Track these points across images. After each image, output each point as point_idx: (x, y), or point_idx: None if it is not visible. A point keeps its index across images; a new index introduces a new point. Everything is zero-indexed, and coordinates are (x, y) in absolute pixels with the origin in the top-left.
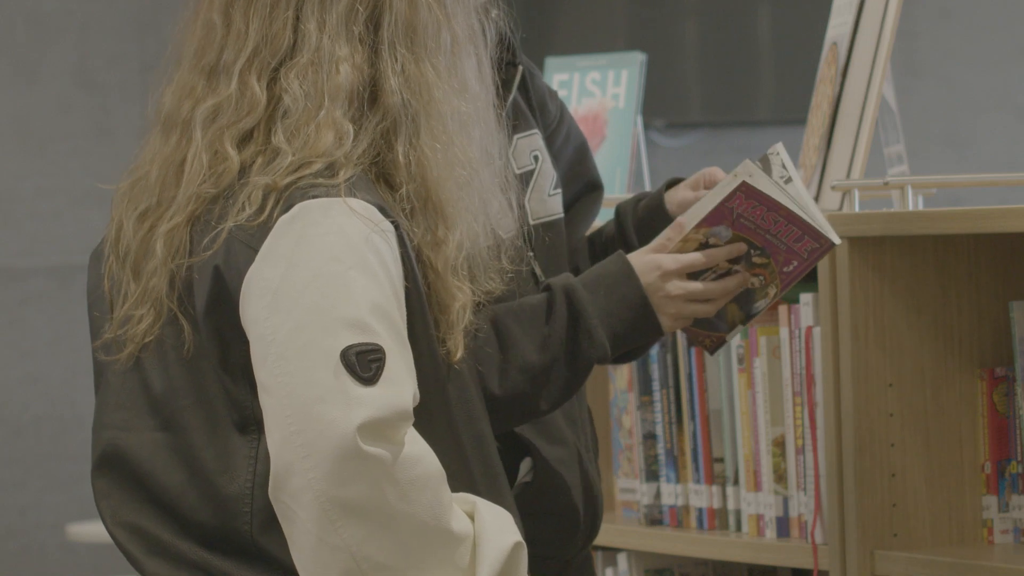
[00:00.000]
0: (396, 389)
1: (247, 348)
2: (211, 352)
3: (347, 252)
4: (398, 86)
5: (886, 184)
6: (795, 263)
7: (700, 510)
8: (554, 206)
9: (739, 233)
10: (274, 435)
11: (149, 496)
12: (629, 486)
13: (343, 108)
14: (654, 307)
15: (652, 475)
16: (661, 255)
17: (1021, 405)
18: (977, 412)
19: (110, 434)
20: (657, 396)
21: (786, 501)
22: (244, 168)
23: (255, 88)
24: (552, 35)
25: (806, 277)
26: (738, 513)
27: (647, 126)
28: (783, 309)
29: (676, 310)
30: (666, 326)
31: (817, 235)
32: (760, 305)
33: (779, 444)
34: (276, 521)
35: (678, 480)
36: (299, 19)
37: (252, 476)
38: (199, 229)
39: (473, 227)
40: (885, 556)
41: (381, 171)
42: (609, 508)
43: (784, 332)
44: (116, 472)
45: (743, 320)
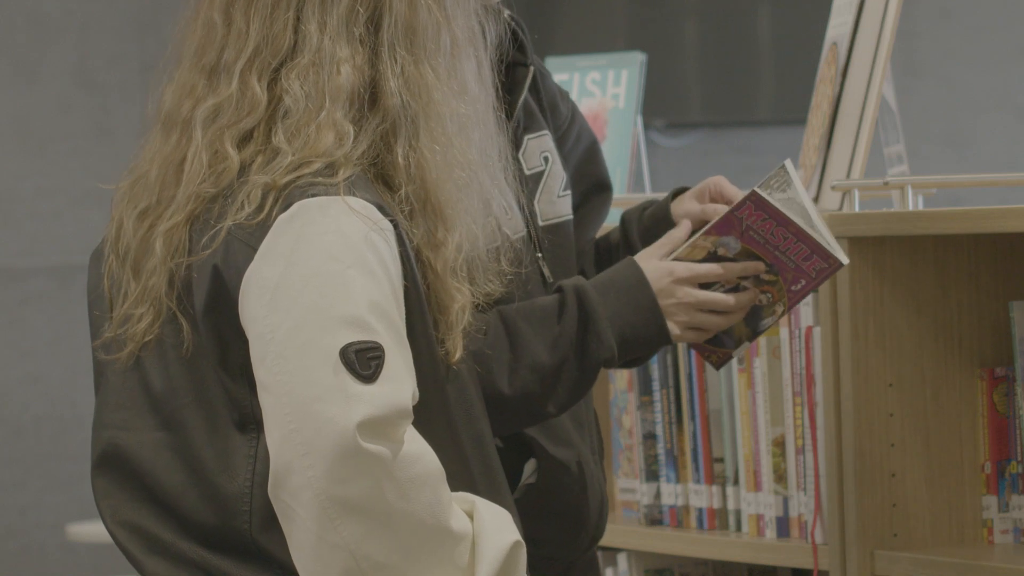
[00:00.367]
0: (395, 387)
1: (246, 347)
2: (210, 351)
3: (346, 251)
4: (398, 88)
5: (886, 184)
6: (803, 282)
7: (700, 510)
8: (563, 208)
9: (748, 246)
10: (273, 433)
11: (149, 495)
12: (629, 486)
13: (344, 109)
14: (664, 313)
15: (652, 475)
16: (673, 263)
17: (1021, 405)
18: (977, 412)
19: (110, 433)
20: (657, 396)
21: (786, 501)
22: (244, 167)
23: (256, 88)
24: (552, 35)
25: None
26: (738, 513)
27: (647, 126)
28: None
29: (687, 318)
30: (675, 335)
31: (826, 254)
32: (767, 323)
33: (779, 444)
34: (275, 520)
35: (678, 480)
36: (300, 20)
37: (251, 475)
38: (198, 228)
39: (472, 229)
40: (885, 556)
41: (380, 172)
42: (609, 508)
43: (784, 332)
44: (116, 471)
45: (749, 337)
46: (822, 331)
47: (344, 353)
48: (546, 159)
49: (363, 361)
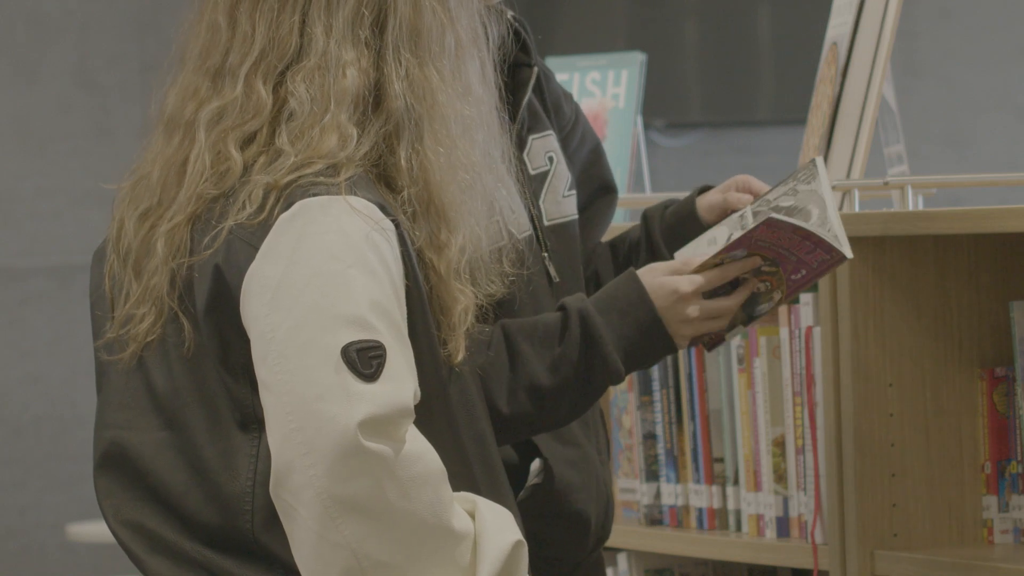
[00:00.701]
0: (397, 386)
1: (247, 346)
2: (211, 350)
3: (347, 250)
4: (402, 90)
5: (886, 184)
6: (804, 272)
7: (700, 510)
8: (568, 207)
9: (753, 251)
10: (275, 432)
11: (152, 495)
12: (629, 486)
13: (348, 112)
14: (671, 331)
15: (652, 475)
16: (677, 278)
17: (1021, 405)
18: (977, 412)
19: (113, 433)
20: (657, 396)
21: (786, 501)
22: (246, 168)
23: (261, 91)
24: (552, 35)
25: None
26: (738, 513)
27: (647, 126)
28: (783, 309)
29: (693, 330)
30: (680, 345)
31: (829, 248)
32: (763, 308)
33: (779, 444)
34: (277, 519)
35: (678, 480)
36: (305, 23)
37: (253, 474)
38: (199, 228)
39: (475, 231)
40: (885, 556)
41: (383, 173)
42: None
43: (784, 332)
44: (119, 471)
45: (744, 321)
46: (822, 331)
47: (345, 352)
48: (551, 159)
49: (364, 360)
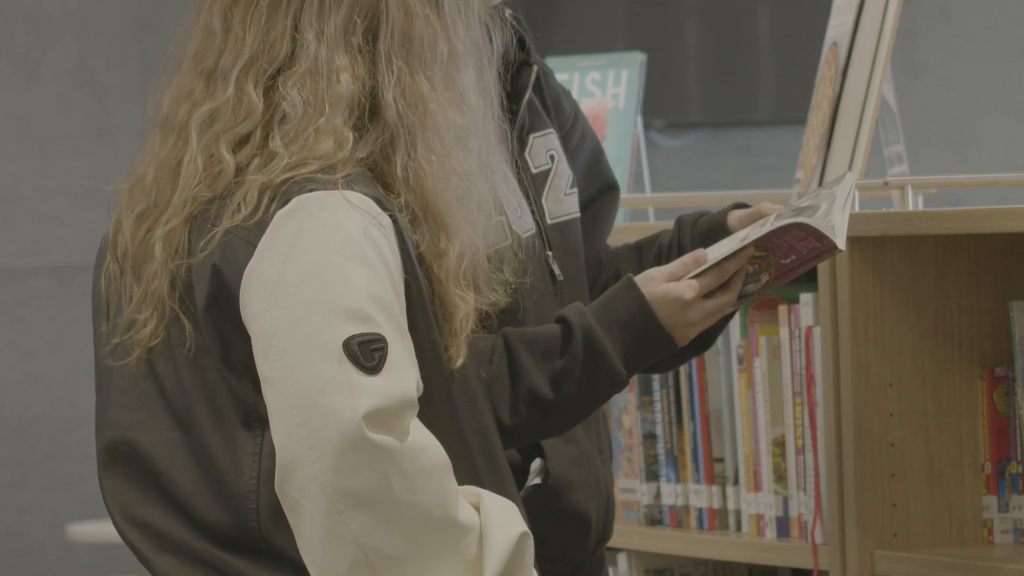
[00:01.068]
0: (399, 378)
1: (248, 344)
2: (213, 349)
3: (344, 245)
4: (394, 98)
5: (886, 184)
6: (793, 256)
7: (700, 510)
8: (570, 205)
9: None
10: (279, 428)
11: (163, 494)
12: (629, 486)
13: (343, 116)
14: (675, 337)
15: (652, 475)
16: (678, 285)
17: (1021, 405)
18: (977, 412)
19: (121, 434)
20: (657, 396)
21: (786, 501)
22: (240, 169)
23: (252, 95)
24: (552, 35)
25: (806, 277)
26: (738, 513)
27: (647, 126)
28: (783, 309)
29: (695, 333)
30: (682, 345)
31: (820, 236)
32: (750, 288)
33: (779, 444)
34: (283, 516)
35: (678, 480)
36: (297, 29)
37: (257, 472)
38: (196, 230)
39: (473, 238)
40: (885, 556)
41: (379, 177)
42: None
43: (784, 332)
44: (129, 471)
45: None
46: (822, 331)
47: (347, 345)
48: (552, 157)
49: (366, 353)
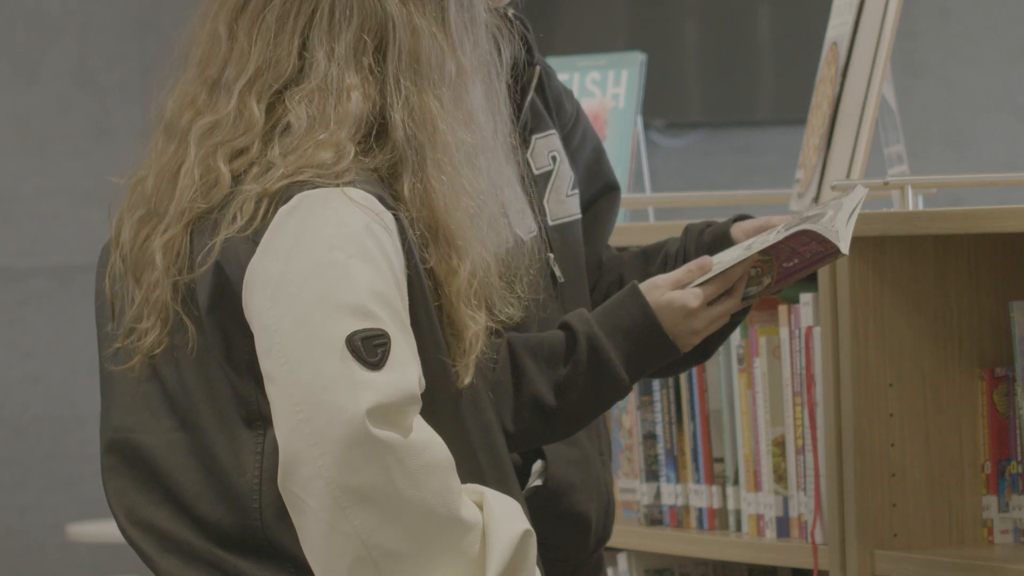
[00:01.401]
0: (403, 374)
1: (250, 342)
2: (215, 348)
3: (347, 241)
4: (403, 119)
5: (886, 184)
6: (796, 260)
7: (700, 510)
8: (572, 207)
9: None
10: (282, 425)
11: (167, 495)
12: (629, 486)
13: (349, 132)
14: (679, 345)
15: (652, 475)
16: (683, 293)
17: (1021, 405)
18: (977, 412)
19: (124, 435)
20: (657, 396)
21: (786, 501)
22: (236, 178)
23: (254, 109)
24: (552, 35)
25: (806, 277)
26: (738, 513)
27: (647, 126)
28: (783, 309)
29: (700, 339)
30: (685, 351)
31: (824, 240)
32: (752, 291)
33: (779, 444)
34: (285, 515)
35: (678, 480)
36: (306, 47)
37: (259, 471)
38: (196, 238)
39: (484, 257)
40: (885, 556)
41: (387, 190)
42: None
43: (784, 332)
44: (133, 472)
45: None
46: (822, 331)
47: (350, 341)
48: (554, 158)
49: (369, 348)
